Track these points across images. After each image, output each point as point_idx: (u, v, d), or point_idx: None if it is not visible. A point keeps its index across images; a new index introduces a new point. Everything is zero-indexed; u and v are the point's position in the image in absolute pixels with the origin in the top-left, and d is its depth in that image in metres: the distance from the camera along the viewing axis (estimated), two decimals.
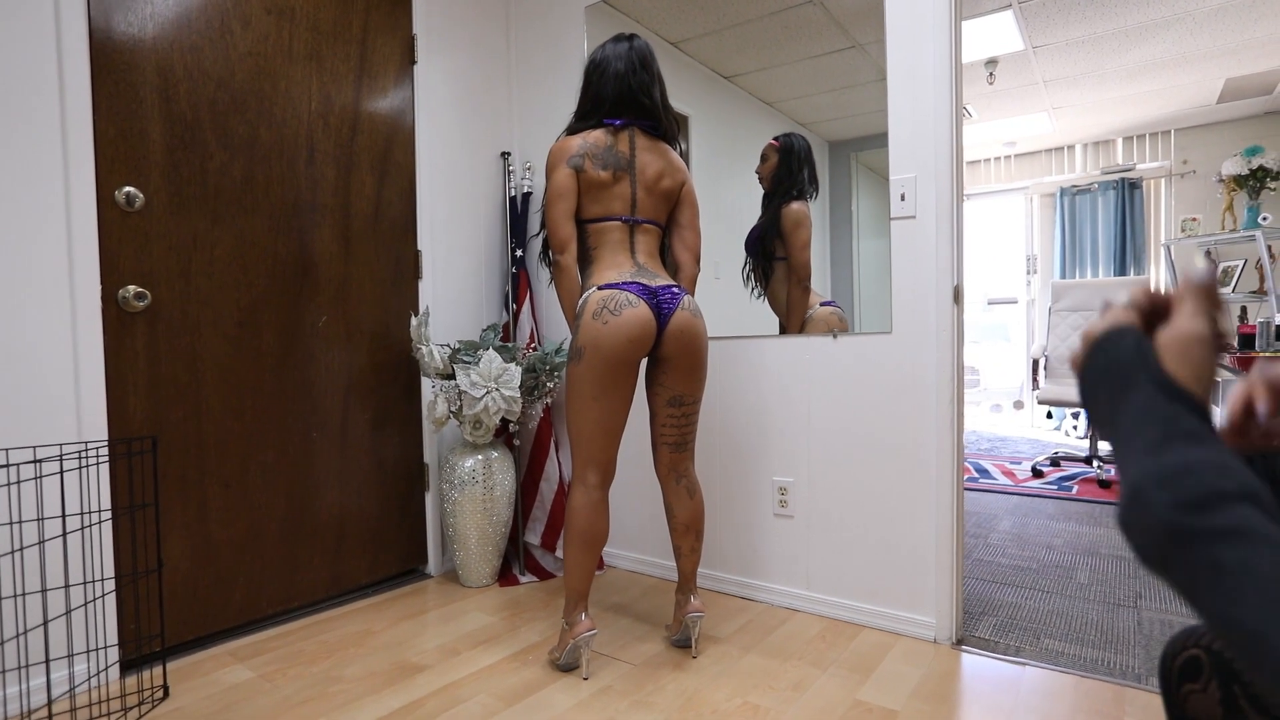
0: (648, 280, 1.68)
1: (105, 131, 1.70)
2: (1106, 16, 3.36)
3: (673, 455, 1.80)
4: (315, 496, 2.14)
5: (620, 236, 1.73)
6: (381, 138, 2.32)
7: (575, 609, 1.70)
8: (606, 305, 1.63)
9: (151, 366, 1.79)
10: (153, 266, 1.79)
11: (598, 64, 1.75)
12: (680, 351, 1.70)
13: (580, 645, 1.68)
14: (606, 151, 1.70)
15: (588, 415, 1.67)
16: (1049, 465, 4.11)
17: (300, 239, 2.10)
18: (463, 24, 2.58)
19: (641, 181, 1.73)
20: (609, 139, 1.72)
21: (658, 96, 1.75)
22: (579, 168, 1.69)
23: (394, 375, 2.37)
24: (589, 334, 1.63)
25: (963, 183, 1.90)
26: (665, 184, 1.76)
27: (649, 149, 1.75)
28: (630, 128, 1.74)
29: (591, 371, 1.64)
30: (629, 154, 1.72)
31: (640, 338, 1.63)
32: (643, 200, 1.74)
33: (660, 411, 1.77)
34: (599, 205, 1.72)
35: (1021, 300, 5.84)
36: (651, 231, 1.77)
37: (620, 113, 1.73)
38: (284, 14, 2.06)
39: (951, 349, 1.85)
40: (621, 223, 1.73)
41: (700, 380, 1.76)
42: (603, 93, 1.73)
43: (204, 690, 1.66)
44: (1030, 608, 2.10)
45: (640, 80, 1.72)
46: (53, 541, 1.58)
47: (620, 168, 1.71)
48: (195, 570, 1.87)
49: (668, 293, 1.68)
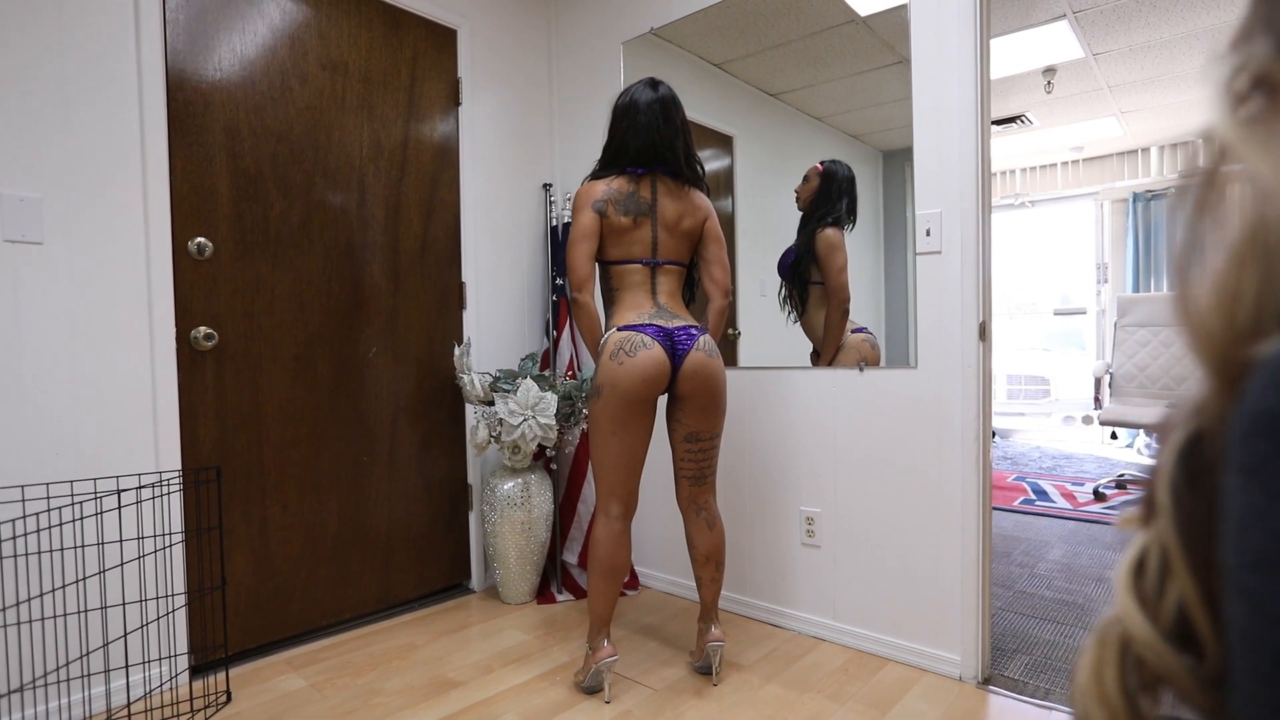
0: (664, 322, 1.75)
1: (180, 189, 1.89)
2: (1169, 22, 3.20)
3: (692, 488, 1.86)
4: (366, 515, 2.30)
5: (641, 278, 1.81)
6: (428, 177, 2.47)
7: (598, 634, 1.78)
8: (623, 346, 1.71)
9: (219, 399, 1.97)
10: (220, 308, 1.97)
11: (624, 111, 1.82)
12: (696, 390, 1.76)
13: (602, 670, 1.76)
14: (629, 198, 1.78)
15: (608, 449, 1.75)
16: (1113, 488, 3.92)
17: (353, 276, 2.27)
18: (506, 60, 2.70)
19: (663, 224, 1.80)
20: (631, 186, 1.80)
21: (679, 149, 1.81)
22: (603, 212, 1.78)
23: (440, 401, 2.51)
24: (606, 374, 1.72)
25: (990, 216, 1.88)
26: (686, 224, 1.83)
27: (670, 193, 1.82)
28: (652, 174, 1.81)
29: (609, 409, 1.72)
30: (650, 199, 1.80)
31: (654, 378, 1.71)
32: (664, 242, 1.81)
33: (679, 447, 1.84)
34: (620, 249, 1.80)
35: (1091, 310, 5.58)
36: (673, 272, 1.84)
37: (642, 163, 1.80)
38: (338, 69, 2.23)
39: (977, 385, 1.83)
40: (643, 265, 1.81)
41: (717, 417, 1.81)
42: (627, 144, 1.80)
43: (262, 696, 1.82)
44: (1069, 646, 2.05)
45: (664, 136, 1.78)
46: (133, 562, 1.77)
47: (642, 213, 1.79)
48: (257, 584, 2.05)
49: (684, 333, 1.75)
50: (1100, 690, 0.32)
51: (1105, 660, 0.33)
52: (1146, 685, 0.31)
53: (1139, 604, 0.31)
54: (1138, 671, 0.31)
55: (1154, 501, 0.33)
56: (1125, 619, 0.32)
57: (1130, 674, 0.31)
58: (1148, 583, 0.32)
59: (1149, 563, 0.32)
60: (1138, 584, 0.32)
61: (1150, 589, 0.31)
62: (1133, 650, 0.32)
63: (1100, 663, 0.33)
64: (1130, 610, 0.32)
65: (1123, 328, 4.07)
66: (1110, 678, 0.32)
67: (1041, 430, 6.08)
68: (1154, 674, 0.31)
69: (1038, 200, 5.75)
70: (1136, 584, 0.32)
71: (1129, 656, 0.32)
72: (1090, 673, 0.33)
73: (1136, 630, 0.31)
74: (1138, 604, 0.31)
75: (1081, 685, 0.34)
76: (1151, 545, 0.32)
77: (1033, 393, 6.32)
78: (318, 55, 2.18)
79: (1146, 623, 0.31)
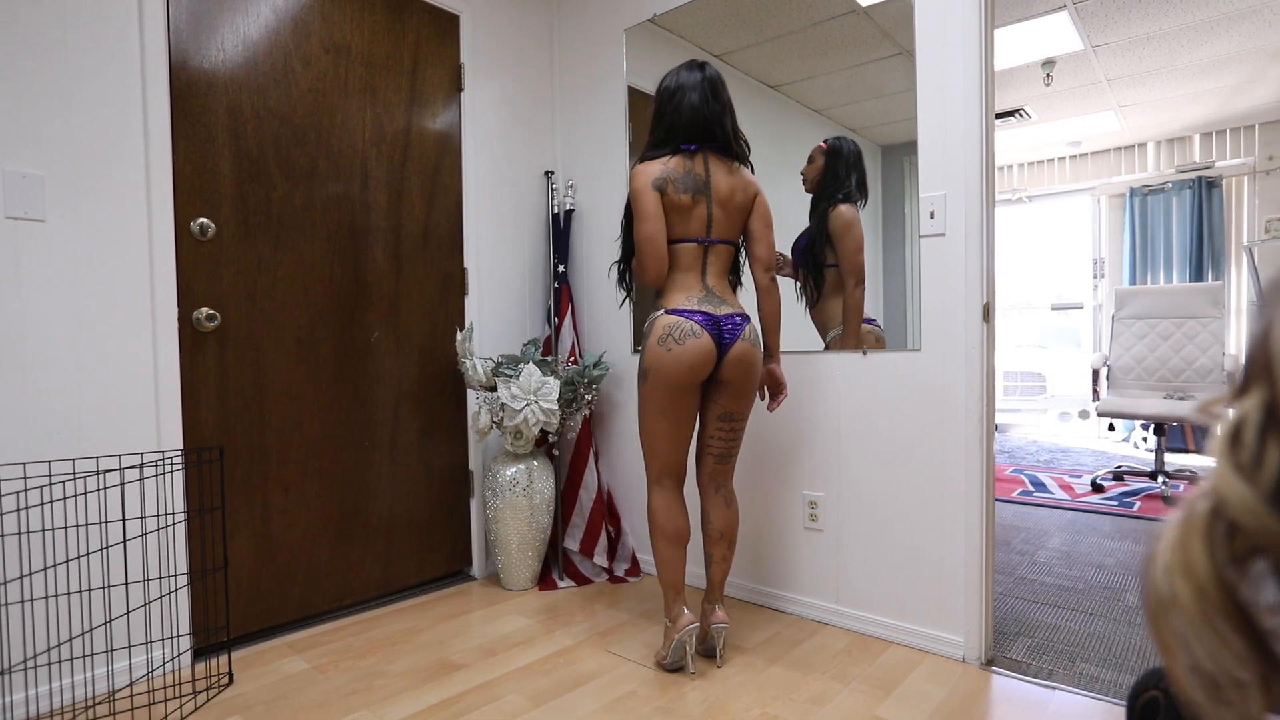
0: (713, 308, 1.77)
1: (182, 169, 1.89)
2: (1170, 13, 3.21)
3: (716, 465, 1.88)
4: (368, 500, 2.29)
5: (694, 258, 1.81)
6: (430, 162, 2.46)
7: (674, 604, 1.80)
8: (671, 333, 1.74)
9: (221, 381, 1.96)
10: (222, 290, 1.96)
11: (671, 93, 1.81)
12: (737, 377, 1.79)
13: (685, 640, 1.77)
14: (686, 176, 1.77)
15: (657, 429, 1.81)
16: (1111, 480, 3.94)
17: (355, 260, 2.26)
18: (508, 47, 2.70)
19: (717, 200, 1.80)
20: (687, 163, 1.79)
21: (729, 125, 1.82)
22: (663, 190, 1.77)
23: (441, 386, 2.50)
24: (654, 358, 1.76)
25: (994, 200, 1.88)
26: (739, 199, 1.83)
27: (722, 169, 1.82)
28: (704, 151, 1.81)
29: (655, 392, 1.78)
30: (704, 175, 1.79)
31: (701, 365, 1.75)
32: (719, 219, 1.81)
33: (710, 424, 1.87)
34: (679, 227, 1.80)
35: (1088, 305, 5.60)
36: (724, 251, 1.84)
37: (694, 140, 1.80)
38: (341, 52, 2.22)
39: (981, 367, 1.83)
40: (697, 244, 1.80)
41: (751, 399, 1.85)
42: (677, 122, 1.79)
43: (264, 679, 1.82)
44: (1070, 630, 2.06)
45: (713, 110, 1.79)
46: (134, 540, 1.76)
47: (699, 190, 1.78)
48: (258, 567, 2.04)
49: (730, 322, 1.77)
50: (1186, 561, 0.32)
51: (1192, 532, 0.33)
52: (1237, 557, 0.31)
53: (1237, 471, 0.32)
54: (1228, 543, 0.31)
55: (1251, 374, 0.34)
56: (1222, 486, 0.32)
57: (1219, 546, 0.32)
58: (1244, 450, 0.32)
59: (1245, 431, 0.32)
60: (1234, 453, 0.33)
61: (1248, 455, 0.32)
62: (1225, 518, 0.32)
63: (1187, 535, 0.33)
64: (1228, 476, 0.32)
65: (1120, 320, 4.09)
66: (1198, 549, 0.32)
67: (1037, 426, 6.11)
68: (1248, 541, 0.31)
69: (1035, 195, 5.77)
70: (1233, 453, 0.33)
71: (1218, 528, 0.32)
72: (1176, 546, 0.33)
73: (1234, 495, 0.31)
74: (1235, 471, 0.32)
75: (1164, 561, 0.33)
76: (1250, 412, 0.33)
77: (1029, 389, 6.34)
78: (320, 37, 2.17)
79: (1246, 486, 0.31)
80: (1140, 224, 5.18)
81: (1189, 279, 4.95)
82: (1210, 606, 0.31)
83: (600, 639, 2.04)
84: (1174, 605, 0.32)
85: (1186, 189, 4.99)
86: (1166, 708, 0.68)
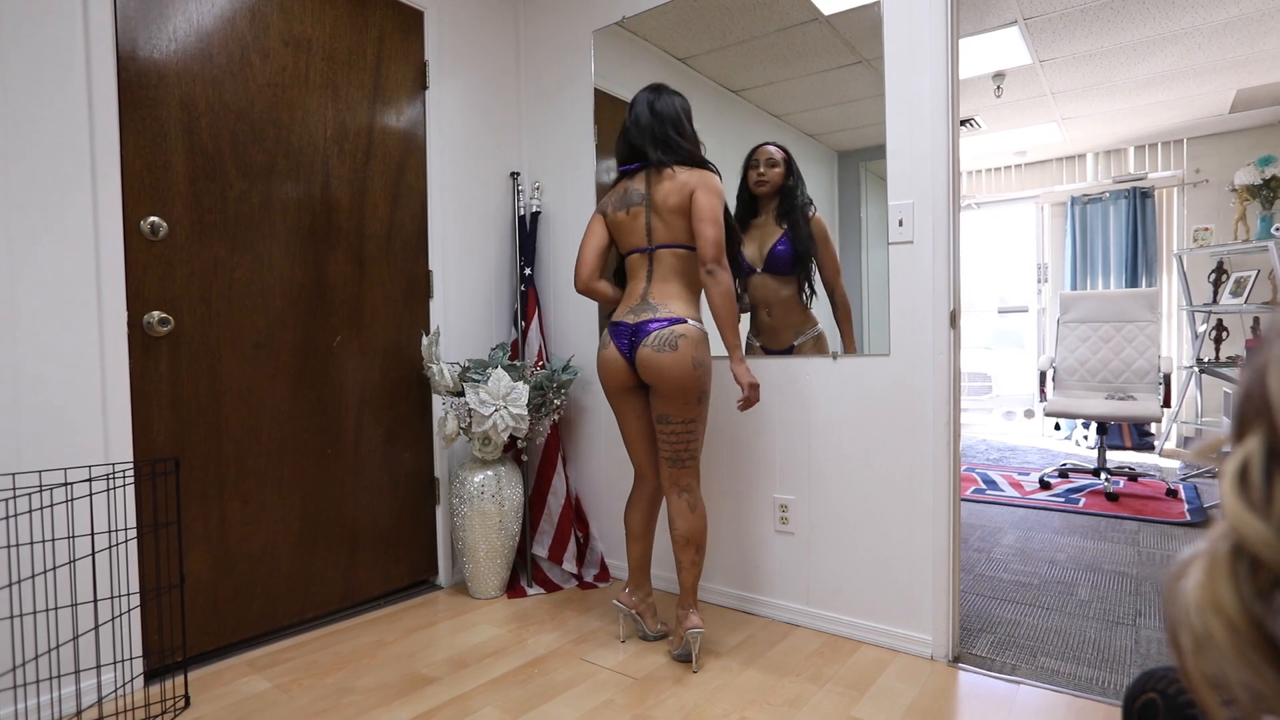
0: (634, 317, 1.88)
1: (132, 164, 1.79)
2: (1112, 32, 3.37)
3: (670, 469, 1.90)
4: (330, 511, 2.22)
5: (639, 268, 1.93)
6: (394, 162, 2.40)
7: (626, 585, 2.04)
8: (601, 344, 1.95)
9: (174, 388, 1.86)
10: (176, 292, 1.87)
11: (625, 122, 1.96)
12: (653, 380, 1.86)
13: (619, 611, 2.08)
14: (626, 194, 1.93)
15: (621, 431, 2.02)
16: (1057, 477, 4.11)
17: (316, 262, 2.18)
18: (474, 46, 2.64)
19: (654, 209, 1.88)
20: (628, 183, 1.95)
21: (668, 133, 1.89)
22: (604, 211, 1.99)
23: (406, 392, 2.44)
24: (597, 367, 1.94)
25: (959, 208, 1.94)
26: (673, 201, 1.85)
27: (662, 178, 1.87)
28: (646, 168, 1.91)
29: (607, 399, 2.05)
30: (645, 189, 1.90)
31: (615, 373, 1.91)
32: (656, 226, 1.89)
33: (655, 428, 1.93)
34: (624, 241, 1.96)
35: (1033, 309, 5.83)
36: (670, 255, 1.90)
37: (636, 159, 1.94)
38: (301, 46, 2.14)
39: (948, 371, 1.88)
40: (640, 253, 1.93)
41: (682, 404, 1.84)
42: (620, 152, 1.98)
43: (223, 700, 1.73)
44: (1029, 625, 2.13)
45: (649, 124, 1.91)
46: (83, 560, 1.66)
47: (635, 204, 1.91)
48: (215, 582, 1.95)
49: (644, 329, 1.84)
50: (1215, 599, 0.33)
51: (1217, 571, 0.33)
52: (1262, 592, 0.32)
53: (1249, 508, 0.33)
54: (1252, 579, 0.32)
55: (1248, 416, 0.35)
56: (1238, 524, 0.33)
57: (1244, 582, 0.32)
58: (1253, 488, 0.33)
59: (1252, 470, 0.33)
60: (1244, 493, 0.34)
61: (1257, 493, 0.33)
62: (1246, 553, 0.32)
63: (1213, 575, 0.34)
64: (1242, 515, 0.33)
65: (1064, 324, 4.27)
66: (1225, 587, 0.33)
67: (984, 425, 6.33)
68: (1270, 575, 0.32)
69: (983, 202, 5.97)
70: (1242, 492, 0.34)
71: (1241, 565, 0.33)
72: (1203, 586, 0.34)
73: (1250, 531, 0.32)
74: (1248, 508, 0.33)
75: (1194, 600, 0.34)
76: (1253, 454, 0.34)
77: (976, 389, 6.56)
78: (279, 30, 2.09)
79: (1260, 521, 0.32)
80: (1080, 231, 5.42)
81: (1125, 284, 5.20)
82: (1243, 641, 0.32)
83: (573, 647, 2.02)
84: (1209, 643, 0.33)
85: (1123, 198, 5.24)
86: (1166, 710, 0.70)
